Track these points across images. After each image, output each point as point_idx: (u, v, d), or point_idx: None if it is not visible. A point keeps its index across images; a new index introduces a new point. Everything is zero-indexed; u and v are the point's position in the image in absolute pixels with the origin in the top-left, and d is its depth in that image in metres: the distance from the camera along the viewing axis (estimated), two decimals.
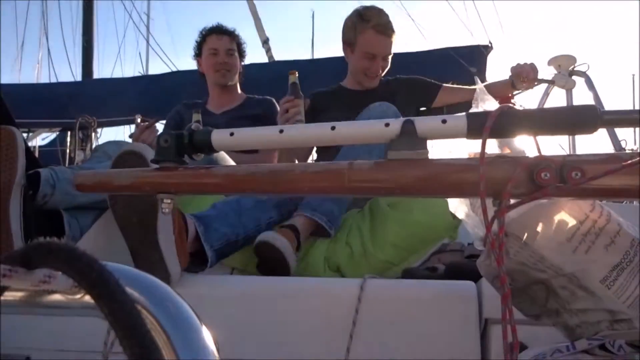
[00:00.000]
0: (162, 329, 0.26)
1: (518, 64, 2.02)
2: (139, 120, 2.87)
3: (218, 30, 2.31)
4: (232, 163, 1.73)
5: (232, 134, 0.76)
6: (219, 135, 0.75)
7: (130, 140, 1.99)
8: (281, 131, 0.75)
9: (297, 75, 1.88)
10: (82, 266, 0.23)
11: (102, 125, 3.70)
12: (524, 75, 1.98)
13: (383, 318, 1.01)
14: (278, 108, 2.31)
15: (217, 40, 2.28)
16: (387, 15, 2.07)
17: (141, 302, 0.27)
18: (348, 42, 2.10)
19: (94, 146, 3.38)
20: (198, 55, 2.36)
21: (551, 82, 2.05)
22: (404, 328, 1.01)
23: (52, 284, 0.25)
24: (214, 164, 1.39)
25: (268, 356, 1.02)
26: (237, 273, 1.34)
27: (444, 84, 2.22)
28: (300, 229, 1.41)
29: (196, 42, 2.36)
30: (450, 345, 1.00)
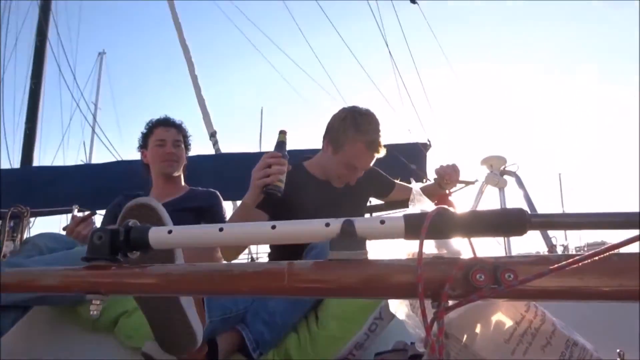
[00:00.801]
0: None
1: (441, 166, 2.15)
2: (76, 211, 2.77)
3: (165, 122, 2.32)
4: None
5: (170, 232, 0.74)
6: (156, 233, 0.73)
7: (64, 233, 1.89)
8: (221, 229, 0.74)
9: (286, 135, 1.69)
10: None
11: (36, 215, 3.54)
12: (446, 178, 2.11)
13: None
14: (222, 201, 2.31)
15: (165, 132, 2.29)
16: (379, 127, 1.93)
17: None
18: (333, 142, 1.95)
19: (25, 236, 3.20)
20: (143, 146, 2.34)
21: (471, 183, 2.18)
22: None
23: None
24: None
25: None
26: None
27: (396, 182, 2.29)
28: (223, 343, 1.36)
29: (142, 133, 2.35)
30: None
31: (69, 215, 3.42)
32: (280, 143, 1.69)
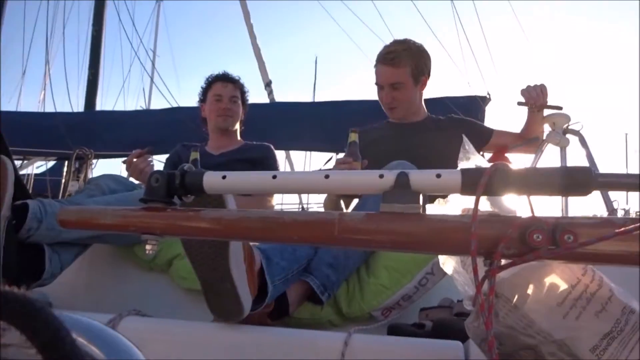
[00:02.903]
0: None
1: (528, 86, 2.06)
2: None
3: (223, 78, 2.38)
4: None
5: (224, 177, 0.75)
6: (211, 178, 0.74)
7: (124, 166, 1.99)
8: (274, 177, 0.74)
9: (357, 134, 1.73)
10: (36, 323, 0.21)
11: (99, 157, 3.70)
12: (532, 101, 2.03)
13: None
14: (275, 154, 2.37)
15: (222, 87, 2.35)
16: (395, 45, 2.09)
17: None
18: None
19: (88, 177, 3.36)
20: (202, 101, 2.42)
21: (559, 108, 2.05)
22: None
23: (5, 337, 0.23)
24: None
25: None
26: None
27: (495, 129, 2.25)
28: (291, 296, 1.37)
29: (202, 88, 2.42)
30: None
31: None
32: (351, 144, 1.72)
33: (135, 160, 1.96)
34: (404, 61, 2.05)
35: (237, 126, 2.41)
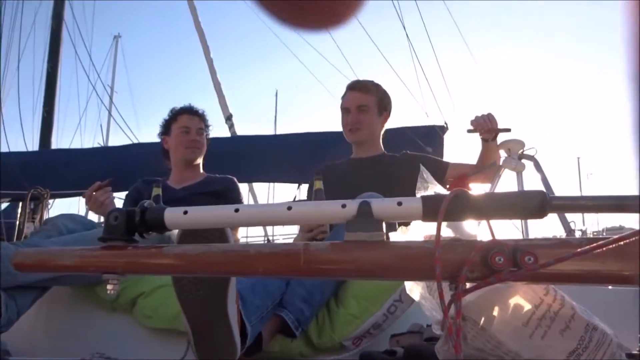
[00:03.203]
0: None
1: (476, 117, 2.13)
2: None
3: (190, 111, 2.38)
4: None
5: (186, 212, 0.74)
6: (172, 214, 0.73)
7: (84, 205, 1.94)
8: (236, 210, 0.73)
9: (321, 180, 1.76)
10: None
11: (56, 196, 3.58)
12: (479, 127, 2.10)
13: None
14: (239, 186, 2.35)
15: (189, 120, 2.34)
16: (365, 80, 2.26)
17: None
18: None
19: (44, 218, 3.24)
20: (164, 133, 2.38)
21: (508, 130, 2.12)
22: None
23: None
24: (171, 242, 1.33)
25: None
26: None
27: (451, 162, 2.29)
28: (264, 332, 1.34)
29: (165, 120, 2.39)
30: None
31: None
32: (318, 191, 1.69)
33: (94, 193, 1.91)
34: (372, 91, 2.21)
35: (201, 159, 2.39)
